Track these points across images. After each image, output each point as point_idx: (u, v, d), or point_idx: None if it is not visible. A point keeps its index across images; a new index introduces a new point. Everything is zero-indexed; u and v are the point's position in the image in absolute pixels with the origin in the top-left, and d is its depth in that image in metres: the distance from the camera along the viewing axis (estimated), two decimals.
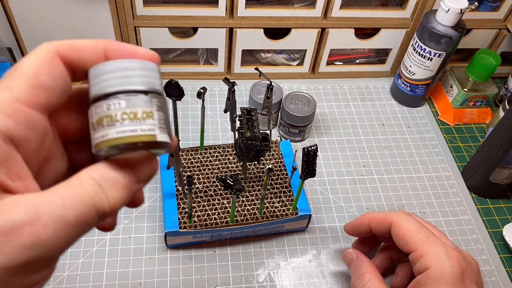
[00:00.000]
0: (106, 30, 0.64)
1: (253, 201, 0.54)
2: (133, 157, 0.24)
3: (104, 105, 0.24)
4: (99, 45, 0.25)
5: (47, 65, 0.23)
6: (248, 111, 0.50)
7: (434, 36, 0.64)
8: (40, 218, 0.20)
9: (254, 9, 0.65)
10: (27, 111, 0.22)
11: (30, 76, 0.22)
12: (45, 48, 0.24)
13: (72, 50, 0.24)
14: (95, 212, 0.22)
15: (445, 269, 0.41)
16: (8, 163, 0.21)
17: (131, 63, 0.24)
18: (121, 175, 0.24)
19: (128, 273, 0.52)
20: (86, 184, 0.22)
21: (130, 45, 0.26)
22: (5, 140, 0.21)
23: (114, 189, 0.23)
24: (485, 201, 0.63)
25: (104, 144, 0.23)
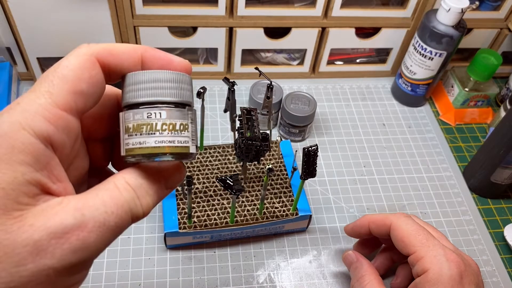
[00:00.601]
0: (106, 30, 0.63)
1: (253, 202, 0.54)
2: (163, 166, 0.26)
3: (144, 113, 0.24)
4: (137, 52, 0.26)
5: (87, 71, 0.24)
6: (248, 111, 0.50)
7: (435, 36, 0.63)
8: (87, 224, 0.22)
9: (254, 8, 0.65)
10: (66, 117, 0.23)
11: (70, 82, 0.23)
12: (85, 52, 0.24)
13: (111, 56, 0.25)
14: (130, 216, 0.24)
15: (443, 272, 0.41)
16: (49, 166, 0.22)
17: (173, 75, 0.25)
18: (153, 181, 0.25)
19: (127, 274, 0.52)
20: (123, 190, 0.24)
21: (165, 53, 0.27)
22: (46, 144, 0.22)
23: (147, 195, 0.25)
24: (486, 202, 0.63)
25: (140, 151, 0.24)
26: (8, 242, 0.20)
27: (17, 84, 0.69)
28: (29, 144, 0.21)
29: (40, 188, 0.22)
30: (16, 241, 0.20)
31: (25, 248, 0.20)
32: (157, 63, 0.26)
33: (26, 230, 0.21)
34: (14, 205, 0.21)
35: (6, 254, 0.20)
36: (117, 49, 0.25)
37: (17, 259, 0.20)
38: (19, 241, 0.20)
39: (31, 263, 0.20)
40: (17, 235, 0.20)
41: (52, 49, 0.65)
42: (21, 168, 0.21)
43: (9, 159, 0.21)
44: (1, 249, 0.20)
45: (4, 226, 0.20)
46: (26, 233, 0.20)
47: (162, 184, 0.26)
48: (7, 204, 0.21)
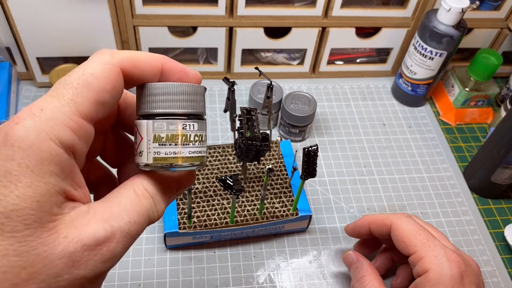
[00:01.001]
0: (105, 30, 0.63)
1: (253, 202, 0.54)
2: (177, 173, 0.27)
3: (180, 124, 0.26)
4: (157, 63, 0.26)
5: (111, 81, 0.24)
6: (248, 111, 0.49)
7: (435, 36, 0.63)
8: (115, 235, 0.23)
9: (254, 8, 0.65)
10: (87, 126, 0.23)
11: (95, 93, 0.23)
12: (110, 61, 0.24)
13: (135, 68, 0.25)
14: (148, 223, 0.25)
15: (444, 272, 0.41)
16: (72, 174, 0.23)
17: (201, 89, 0.27)
18: (167, 188, 0.26)
19: (127, 274, 0.52)
20: (142, 197, 0.25)
21: (182, 65, 0.27)
22: (69, 153, 0.23)
23: (162, 201, 0.26)
24: (486, 202, 0.63)
25: (175, 160, 0.25)
26: (46, 254, 0.21)
27: (16, 84, 0.69)
28: (56, 154, 0.22)
29: (65, 196, 0.23)
30: (53, 253, 0.21)
31: (61, 260, 0.21)
32: (175, 75, 0.27)
33: (61, 243, 0.21)
34: (48, 217, 0.21)
35: (45, 266, 0.21)
36: (141, 61, 0.25)
37: (55, 270, 0.21)
38: (56, 253, 0.21)
39: (67, 274, 0.21)
40: (54, 247, 0.21)
41: (51, 49, 0.65)
42: (51, 179, 0.22)
43: (40, 171, 0.21)
44: (40, 261, 0.21)
45: (41, 239, 0.21)
46: (61, 245, 0.21)
47: (174, 190, 0.27)
48: (42, 216, 0.21)
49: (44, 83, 0.69)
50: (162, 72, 0.27)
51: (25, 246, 0.21)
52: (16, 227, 0.20)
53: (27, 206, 0.21)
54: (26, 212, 0.21)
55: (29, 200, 0.21)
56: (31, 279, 0.21)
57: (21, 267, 0.20)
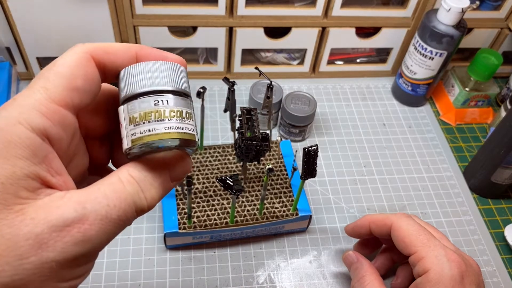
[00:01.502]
0: (105, 29, 0.63)
1: (253, 202, 0.54)
2: (168, 156, 0.26)
3: (151, 101, 0.24)
4: (131, 50, 0.26)
5: (82, 67, 0.24)
6: (248, 111, 0.49)
7: (435, 35, 0.63)
8: (88, 216, 0.22)
9: (254, 8, 0.65)
10: (61, 112, 0.23)
11: (66, 78, 0.24)
12: (81, 50, 0.25)
13: (106, 54, 0.25)
14: (134, 210, 0.24)
15: (444, 272, 0.41)
16: (47, 160, 0.22)
17: (172, 65, 0.26)
18: (158, 174, 0.25)
19: (127, 274, 0.51)
20: (126, 183, 0.24)
21: (160, 50, 0.27)
22: (43, 138, 0.22)
23: (152, 188, 0.25)
24: (486, 202, 0.63)
25: (149, 138, 0.24)
26: (10, 236, 0.20)
27: (16, 84, 0.68)
28: (26, 138, 0.22)
29: (40, 181, 0.22)
30: (18, 234, 0.21)
31: (27, 242, 0.21)
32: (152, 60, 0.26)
33: (28, 224, 0.21)
34: (15, 199, 0.21)
35: (9, 248, 0.20)
36: (112, 47, 0.26)
37: (19, 252, 0.21)
38: (21, 234, 0.21)
39: (33, 256, 0.21)
40: (19, 228, 0.21)
41: (51, 49, 0.65)
42: (19, 162, 0.21)
43: (7, 153, 0.21)
44: (4, 243, 0.20)
45: (6, 220, 0.21)
46: (27, 226, 0.21)
47: (167, 176, 0.26)
48: (8, 198, 0.21)
49: None
50: (138, 59, 0.26)
51: None
52: None
53: None
54: None
55: None
56: None
57: None
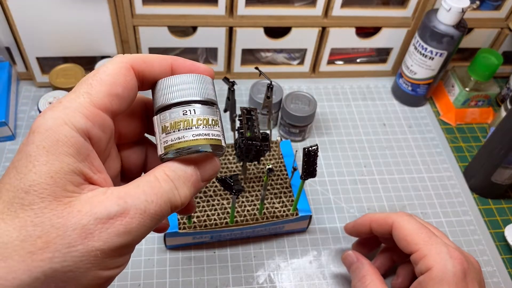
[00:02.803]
0: (105, 29, 0.63)
1: (253, 202, 0.54)
2: (198, 159, 0.28)
3: (180, 111, 0.27)
4: (167, 61, 0.29)
5: (123, 76, 0.27)
6: (248, 111, 0.49)
7: (435, 35, 0.63)
8: (129, 210, 0.24)
9: (254, 8, 0.65)
10: (102, 115, 0.26)
11: (107, 85, 0.26)
12: (121, 60, 0.27)
13: (144, 64, 0.28)
14: (169, 205, 0.26)
15: (447, 269, 0.41)
16: (89, 158, 0.25)
17: (199, 77, 0.28)
18: (190, 174, 0.27)
19: (127, 274, 0.51)
20: (162, 181, 0.26)
21: (191, 62, 0.30)
22: (85, 138, 0.25)
23: (184, 186, 0.27)
24: (486, 202, 0.63)
25: (180, 145, 0.27)
26: (60, 225, 0.22)
27: (16, 84, 0.68)
28: (71, 137, 0.24)
29: (84, 178, 0.24)
30: (66, 224, 0.23)
31: (74, 231, 0.23)
32: (185, 70, 0.29)
33: (75, 215, 0.23)
34: (63, 193, 0.23)
35: (59, 236, 0.22)
36: (149, 58, 0.28)
37: (68, 240, 0.22)
38: (69, 224, 0.23)
39: (80, 244, 0.23)
40: (67, 219, 0.23)
41: (51, 49, 0.65)
42: (66, 159, 0.23)
43: (55, 151, 0.23)
44: (54, 231, 0.22)
45: (56, 211, 0.23)
46: (75, 218, 0.23)
47: (198, 176, 0.28)
48: (57, 191, 0.23)
49: (44, 83, 0.69)
50: (172, 70, 0.29)
51: (41, 217, 0.22)
52: (33, 200, 0.22)
53: (42, 181, 0.23)
54: (41, 186, 0.23)
55: (44, 176, 0.23)
56: (46, 247, 0.22)
57: (37, 236, 0.22)
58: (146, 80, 0.28)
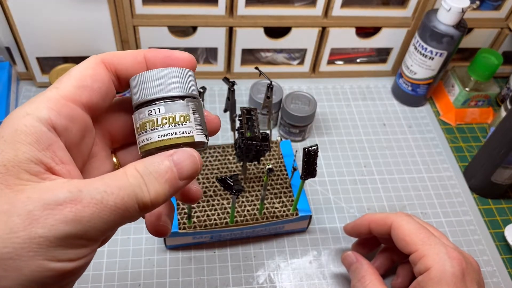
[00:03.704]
0: (105, 29, 0.63)
1: (253, 202, 0.54)
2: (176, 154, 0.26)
3: (146, 111, 0.27)
4: (140, 53, 0.28)
5: (91, 69, 0.27)
6: (248, 111, 0.49)
7: (435, 35, 0.63)
8: (82, 199, 0.23)
9: (254, 8, 0.65)
10: (69, 105, 0.25)
11: (75, 78, 0.26)
12: (92, 57, 0.27)
13: (115, 58, 0.28)
14: (135, 201, 0.24)
15: (446, 269, 0.41)
16: (52, 148, 0.24)
17: (167, 71, 0.27)
18: (164, 169, 0.25)
19: (127, 274, 0.51)
20: (130, 175, 0.24)
21: (167, 51, 0.29)
22: (49, 127, 0.24)
23: (156, 182, 0.25)
24: (486, 202, 0.63)
25: (148, 146, 0.26)
26: (5, 210, 0.22)
27: (16, 84, 0.68)
28: (31, 126, 0.24)
29: (44, 167, 0.24)
30: (11, 210, 0.22)
31: (19, 217, 0.22)
32: (160, 60, 0.28)
33: (23, 201, 0.22)
34: (16, 181, 0.23)
35: (2, 221, 0.22)
36: (121, 52, 0.28)
37: (10, 226, 0.22)
38: (15, 210, 0.22)
39: (22, 231, 0.22)
40: (15, 205, 0.22)
41: (51, 49, 0.65)
42: (22, 147, 0.23)
43: (11, 139, 0.23)
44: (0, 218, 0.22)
45: (5, 197, 0.22)
46: (22, 203, 0.22)
47: (174, 173, 0.25)
48: (8, 179, 0.23)
49: (44, 83, 0.69)
50: (147, 62, 0.28)
51: None
52: None
53: None
54: None
55: None
56: None
57: None
58: (121, 76, 0.28)
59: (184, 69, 0.28)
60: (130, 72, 0.28)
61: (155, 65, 0.28)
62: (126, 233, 0.55)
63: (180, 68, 0.28)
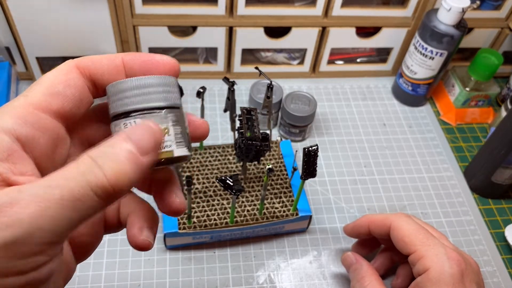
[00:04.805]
0: (105, 29, 0.63)
1: (253, 202, 0.54)
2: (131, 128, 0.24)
3: (121, 124, 0.25)
4: (117, 57, 0.26)
5: (63, 75, 0.25)
6: (248, 111, 0.49)
7: (435, 35, 0.63)
8: (20, 200, 0.20)
9: (254, 7, 0.65)
10: (38, 114, 0.24)
11: (46, 85, 0.25)
12: (65, 63, 0.26)
13: (91, 62, 0.26)
14: (89, 189, 0.21)
15: (444, 270, 0.41)
16: (12, 159, 0.22)
17: (145, 80, 0.25)
18: (119, 147, 0.22)
19: (127, 274, 0.51)
20: (81, 163, 0.22)
21: (148, 55, 0.27)
22: (12, 138, 0.23)
23: (112, 162, 0.22)
24: (487, 202, 0.63)
25: None
26: None
27: (16, 84, 0.68)
28: None
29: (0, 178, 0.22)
30: None
31: None
32: (139, 64, 0.27)
33: None
34: None
35: None
36: (97, 57, 0.26)
37: None
38: None
39: None
40: None
41: (51, 49, 0.64)
42: None
43: None
44: None
45: None
46: None
47: (131, 147, 0.23)
48: None
49: None
50: (125, 66, 0.26)
51: None
52: None
53: None
54: None
55: None
56: None
57: None
58: (97, 82, 0.26)
59: (164, 77, 0.26)
60: (107, 78, 0.26)
61: (133, 69, 0.26)
62: None
63: (160, 76, 0.26)
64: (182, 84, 0.47)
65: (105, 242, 0.53)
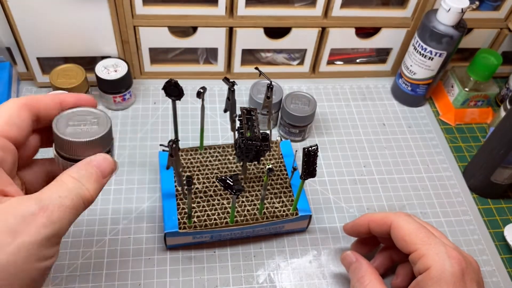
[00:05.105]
0: (105, 29, 0.63)
1: (253, 202, 0.54)
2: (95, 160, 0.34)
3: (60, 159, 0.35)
4: (55, 96, 0.35)
5: (17, 110, 0.33)
6: (248, 111, 0.49)
7: (435, 36, 0.63)
8: (47, 206, 0.29)
9: (254, 8, 0.65)
10: (4, 140, 0.32)
11: (5, 117, 0.32)
12: (13, 101, 0.33)
13: (35, 99, 0.34)
14: (81, 200, 0.32)
15: (445, 269, 0.41)
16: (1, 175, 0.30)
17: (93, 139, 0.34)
18: (91, 172, 0.33)
19: (127, 274, 0.52)
20: (69, 182, 0.32)
21: (76, 96, 0.36)
22: None
23: (89, 183, 0.32)
24: (486, 202, 0.63)
25: None
26: None
27: (17, 84, 0.69)
28: None
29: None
30: None
31: (2, 234, 0.27)
32: (70, 104, 0.36)
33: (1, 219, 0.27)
34: None
35: None
36: (40, 96, 0.35)
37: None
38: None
39: (11, 243, 0.27)
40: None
41: (52, 49, 0.65)
42: None
43: None
44: None
45: None
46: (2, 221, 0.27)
47: (98, 173, 0.33)
48: None
49: (44, 83, 0.69)
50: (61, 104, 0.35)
51: None
52: None
53: None
54: None
55: None
56: None
57: None
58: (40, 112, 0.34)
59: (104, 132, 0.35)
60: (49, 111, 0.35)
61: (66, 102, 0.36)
62: (127, 233, 0.55)
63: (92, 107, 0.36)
64: (182, 84, 0.47)
65: (106, 241, 0.54)
